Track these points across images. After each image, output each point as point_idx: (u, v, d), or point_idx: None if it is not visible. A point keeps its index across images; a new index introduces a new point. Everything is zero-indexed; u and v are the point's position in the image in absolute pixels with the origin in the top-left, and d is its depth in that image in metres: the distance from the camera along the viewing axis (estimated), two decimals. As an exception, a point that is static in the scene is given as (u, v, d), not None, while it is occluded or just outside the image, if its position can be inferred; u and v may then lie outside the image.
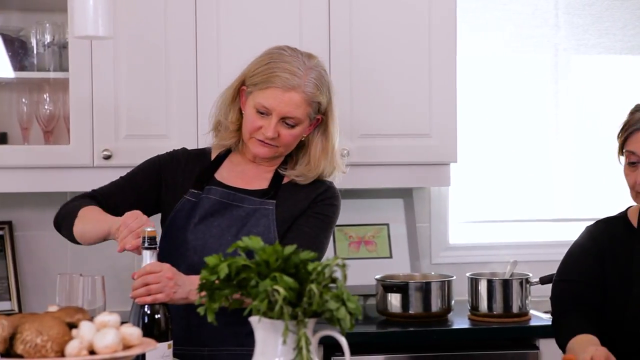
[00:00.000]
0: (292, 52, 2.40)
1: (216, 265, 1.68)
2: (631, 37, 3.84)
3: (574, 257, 2.42)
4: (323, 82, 2.40)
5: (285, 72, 2.34)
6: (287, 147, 2.42)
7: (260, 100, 2.35)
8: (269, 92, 2.34)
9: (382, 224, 3.59)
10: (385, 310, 3.24)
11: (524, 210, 3.81)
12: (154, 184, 2.46)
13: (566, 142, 3.83)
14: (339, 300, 1.62)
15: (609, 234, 2.38)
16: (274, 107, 2.34)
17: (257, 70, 2.38)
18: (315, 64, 2.40)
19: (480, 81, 3.78)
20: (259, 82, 2.36)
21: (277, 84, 2.33)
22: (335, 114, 2.46)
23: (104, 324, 1.67)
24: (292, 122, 2.37)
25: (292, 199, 2.42)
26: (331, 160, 2.46)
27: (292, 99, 2.34)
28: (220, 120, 2.46)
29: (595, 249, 2.37)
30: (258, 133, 2.37)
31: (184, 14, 3.18)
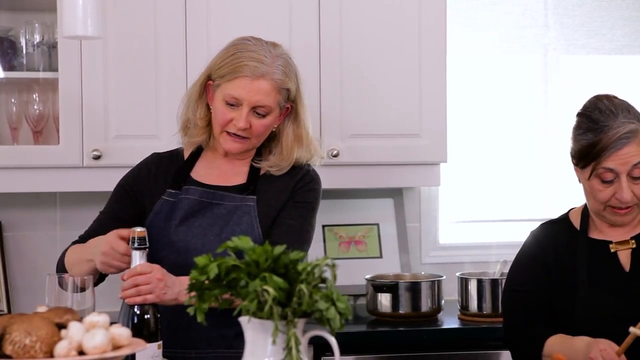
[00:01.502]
0: (257, 41, 2.39)
1: (206, 265, 1.67)
2: (620, 37, 3.86)
3: (522, 265, 2.43)
4: (290, 68, 2.40)
5: (253, 61, 2.33)
6: (259, 138, 2.41)
7: (229, 91, 2.33)
8: (238, 82, 2.33)
9: (372, 224, 3.59)
10: (375, 310, 3.24)
11: (513, 210, 3.82)
12: (129, 204, 2.44)
13: (556, 142, 3.84)
14: (328, 300, 1.62)
15: (553, 238, 2.40)
16: (243, 97, 2.33)
17: (223, 62, 2.36)
18: (281, 52, 2.40)
19: (470, 81, 3.78)
20: (226, 73, 2.34)
21: (246, 72, 2.32)
22: (305, 101, 2.46)
23: (93, 325, 1.66)
24: (263, 111, 2.36)
25: (272, 191, 2.41)
26: (307, 147, 2.45)
27: (261, 87, 2.33)
28: (189, 117, 2.44)
29: (542, 256, 2.38)
30: (229, 126, 2.36)
31: (173, 14, 3.18)
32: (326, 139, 3.25)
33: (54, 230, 3.42)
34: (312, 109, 3.20)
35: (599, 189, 2.28)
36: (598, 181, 2.28)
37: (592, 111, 2.32)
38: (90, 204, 2.78)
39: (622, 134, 2.23)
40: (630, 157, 2.23)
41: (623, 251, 2.33)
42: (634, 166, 2.24)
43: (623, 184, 2.24)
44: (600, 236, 2.37)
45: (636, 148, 2.24)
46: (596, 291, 2.26)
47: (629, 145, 2.24)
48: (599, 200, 2.30)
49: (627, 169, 2.24)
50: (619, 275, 2.30)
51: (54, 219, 3.38)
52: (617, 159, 2.24)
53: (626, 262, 2.32)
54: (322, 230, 3.52)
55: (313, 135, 2.49)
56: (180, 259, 2.32)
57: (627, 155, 2.23)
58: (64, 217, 3.42)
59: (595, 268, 2.32)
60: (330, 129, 3.26)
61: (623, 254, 2.33)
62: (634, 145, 2.24)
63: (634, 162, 2.24)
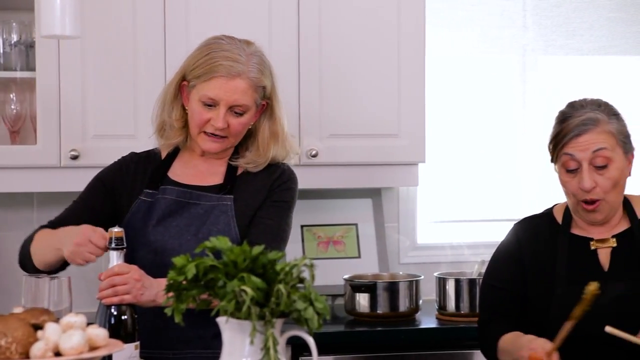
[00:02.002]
0: (230, 40, 2.38)
1: (184, 265, 1.67)
2: (598, 38, 3.88)
3: (499, 261, 2.46)
4: (265, 65, 2.40)
5: (227, 60, 2.32)
6: (237, 137, 2.41)
7: (205, 92, 2.33)
8: (214, 82, 2.32)
9: (350, 224, 3.59)
10: (354, 310, 3.25)
11: (491, 210, 3.83)
12: (105, 198, 2.44)
13: (534, 142, 3.85)
14: (306, 300, 1.62)
15: (533, 233, 2.41)
16: (220, 97, 2.32)
17: (197, 63, 2.36)
18: (255, 49, 2.40)
19: (448, 82, 3.79)
20: (201, 74, 2.34)
21: (221, 72, 2.32)
22: (280, 98, 2.46)
23: (69, 326, 1.66)
24: (240, 110, 2.35)
25: (249, 190, 2.41)
26: (283, 144, 2.45)
27: (237, 86, 2.33)
28: (164, 119, 2.44)
29: (518, 253, 2.40)
30: (207, 126, 2.35)
31: (152, 14, 3.17)
32: (305, 139, 3.26)
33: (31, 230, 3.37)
34: (291, 109, 3.21)
35: (565, 180, 2.31)
36: (564, 171, 2.31)
37: (566, 107, 2.37)
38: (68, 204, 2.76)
39: (581, 121, 2.27)
40: (589, 144, 2.26)
41: (603, 249, 2.34)
42: (594, 153, 2.26)
43: (584, 172, 2.26)
44: (581, 232, 2.37)
45: (596, 136, 2.26)
46: (574, 289, 2.26)
47: (589, 132, 2.26)
48: (569, 193, 2.32)
49: (587, 156, 2.26)
50: (597, 275, 2.30)
51: (31, 219, 3.35)
52: (577, 145, 2.27)
53: (605, 261, 2.33)
54: (301, 230, 3.52)
55: (289, 132, 2.49)
56: (158, 259, 2.31)
57: (586, 142, 2.26)
58: (41, 218, 3.38)
59: (574, 265, 2.32)
60: (309, 129, 3.26)
61: (603, 253, 2.34)
62: (595, 133, 2.27)
63: (593, 149, 2.25)
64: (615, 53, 3.90)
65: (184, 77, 2.40)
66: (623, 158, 2.30)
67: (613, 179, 2.28)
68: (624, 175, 2.31)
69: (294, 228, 2.61)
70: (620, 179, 2.29)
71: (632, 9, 3.88)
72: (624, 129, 2.33)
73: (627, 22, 3.88)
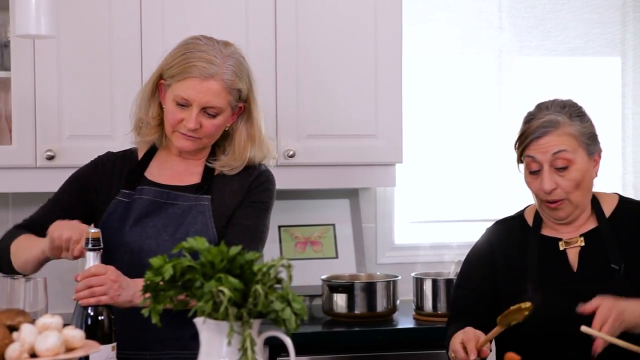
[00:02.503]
0: (208, 40, 2.37)
1: (161, 266, 1.67)
2: (572, 39, 3.90)
3: (471, 264, 2.48)
4: (242, 68, 2.38)
5: (202, 61, 2.31)
6: (211, 138, 2.40)
7: (179, 92, 2.32)
8: (187, 82, 2.31)
9: (328, 224, 3.60)
10: (331, 311, 3.25)
11: (468, 211, 3.85)
12: (81, 198, 2.43)
13: (510, 143, 3.86)
14: (284, 300, 1.62)
15: (504, 236, 2.43)
16: (193, 98, 2.32)
17: (173, 62, 2.35)
18: (233, 51, 2.38)
19: (425, 82, 3.80)
20: (176, 73, 2.33)
21: (195, 73, 2.31)
22: (258, 101, 2.45)
23: (45, 327, 1.65)
24: (213, 112, 2.34)
25: (227, 191, 2.40)
26: (260, 147, 2.44)
27: (210, 87, 2.32)
28: (141, 117, 2.43)
29: (489, 256, 2.41)
30: (180, 126, 2.35)
31: (128, 13, 3.16)
32: (282, 140, 3.25)
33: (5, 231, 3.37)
34: (268, 110, 3.20)
35: (529, 180, 2.34)
36: (527, 172, 2.34)
37: (534, 107, 2.40)
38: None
39: (541, 123, 2.29)
40: (549, 147, 2.28)
41: (572, 249, 2.35)
42: (554, 155, 2.28)
43: (544, 174, 2.29)
44: (551, 233, 2.39)
45: (556, 138, 2.29)
46: (546, 291, 2.28)
47: (548, 135, 2.29)
48: (533, 193, 2.35)
49: (547, 158, 2.28)
50: (567, 275, 2.32)
51: (6, 219, 3.33)
52: (537, 147, 2.29)
53: (574, 261, 2.34)
54: (278, 230, 3.52)
55: (266, 135, 2.48)
56: (135, 260, 2.30)
57: (546, 145, 2.28)
58: (16, 218, 3.33)
59: (544, 267, 2.34)
60: (286, 130, 3.26)
61: (571, 253, 2.35)
62: (554, 136, 2.29)
63: (552, 151, 2.28)
64: (590, 54, 3.92)
65: (162, 76, 2.39)
66: (586, 159, 2.31)
67: (574, 180, 2.29)
68: (588, 176, 2.32)
69: (272, 228, 2.60)
70: (582, 179, 2.30)
71: (606, 11, 3.91)
72: (588, 130, 2.34)
73: (601, 24, 3.91)
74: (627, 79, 3.93)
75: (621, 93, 3.89)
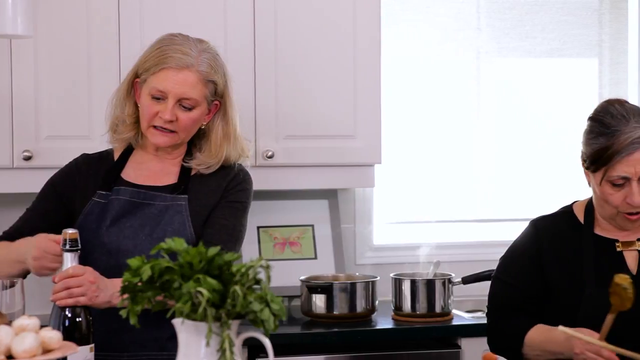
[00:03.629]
0: (184, 37, 2.39)
1: (139, 267, 1.66)
2: (550, 40, 3.92)
3: (514, 257, 2.45)
4: (217, 63, 2.40)
5: (178, 53, 2.33)
6: (187, 133, 2.39)
7: (155, 84, 2.33)
8: (163, 73, 2.32)
9: (307, 225, 3.60)
10: (310, 311, 3.25)
11: (446, 211, 3.86)
12: (58, 203, 2.42)
13: (488, 144, 3.89)
14: (262, 301, 1.62)
15: (553, 232, 2.40)
16: (169, 89, 2.32)
17: (148, 57, 2.36)
18: (208, 47, 2.40)
19: (404, 83, 3.81)
20: (151, 66, 2.34)
21: (170, 64, 2.32)
22: (233, 98, 2.45)
23: (22, 328, 1.64)
24: (189, 104, 2.34)
25: (204, 191, 2.40)
26: (235, 145, 2.44)
27: (186, 78, 2.33)
28: (117, 115, 2.43)
29: (535, 251, 2.39)
30: (156, 119, 2.34)
31: (106, 13, 3.14)
32: (261, 140, 3.25)
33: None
34: (247, 111, 3.20)
35: (609, 192, 2.28)
36: (609, 185, 2.27)
37: (604, 115, 2.30)
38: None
39: (634, 139, 2.23)
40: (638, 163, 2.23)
41: (629, 252, 2.34)
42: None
43: (634, 188, 2.24)
44: (605, 233, 2.37)
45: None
46: (603, 291, 2.22)
47: (638, 150, 2.23)
48: (611, 204, 2.29)
49: (638, 173, 2.24)
50: None
51: (-17, 221, 3.31)
52: (629, 163, 2.23)
53: (633, 264, 2.33)
54: (257, 231, 3.52)
55: (242, 134, 2.48)
56: (112, 261, 2.29)
57: (638, 161, 2.23)
58: (-7, 219, 3.36)
59: (601, 267, 2.31)
60: (265, 130, 3.26)
61: (630, 255, 2.34)
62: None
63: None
64: (567, 55, 3.94)
65: (137, 74, 2.39)
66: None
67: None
68: None
69: (250, 229, 2.60)
70: None
71: (583, 12, 3.94)
72: None
73: (579, 25, 3.93)
74: (604, 80, 3.96)
75: (598, 94, 3.92)
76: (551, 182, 3.86)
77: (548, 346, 2.27)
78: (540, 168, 3.89)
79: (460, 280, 3.29)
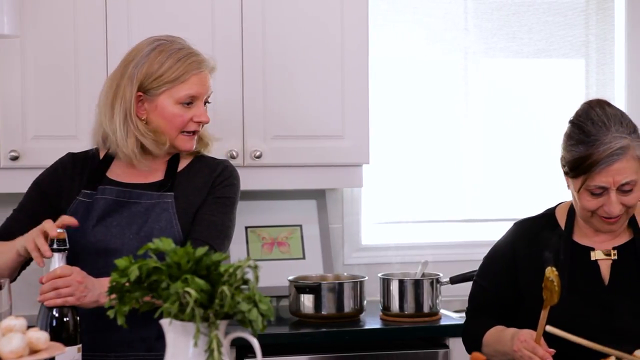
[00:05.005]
0: (166, 37, 2.41)
1: (126, 267, 1.66)
2: (537, 41, 3.94)
3: (491, 260, 2.47)
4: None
5: (192, 56, 2.37)
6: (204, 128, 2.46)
7: (185, 92, 2.35)
8: (192, 80, 2.36)
9: (295, 225, 3.60)
10: (298, 312, 3.25)
11: (434, 211, 3.87)
12: (44, 203, 2.40)
13: (476, 144, 3.90)
14: (250, 301, 1.61)
15: (530, 236, 2.39)
16: (200, 92, 2.38)
17: (161, 70, 2.33)
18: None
19: (391, 83, 3.81)
20: (174, 78, 2.34)
21: (194, 69, 2.36)
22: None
23: (9, 329, 1.63)
24: (209, 99, 2.43)
25: (190, 188, 2.39)
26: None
27: (206, 77, 2.40)
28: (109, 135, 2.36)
29: (510, 254, 2.39)
30: (189, 124, 2.37)
31: (93, 13, 3.14)
32: (249, 140, 3.25)
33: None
34: (235, 110, 3.21)
35: (587, 199, 2.26)
36: (587, 193, 2.25)
37: (584, 121, 2.26)
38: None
39: (613, 151, 2.19)
40: (619, 175, 2.20)
41: (604, 261, 2.33)
42: (622, 183, 2.22)
43: (612, 198, 2.22)
44: (584, 241, 2.35)
45: (625, 165, 2.21)
46: (574, 299, 2.25)
47: (619, 161, 2.20)
48: (586, 209, 2.28)
49: (616, 184, 2.22)
50: (597, 287, 2.30)
51: (-30, 221, 3.30)
52: (608, 175, 2.20)
53: (606, 274, 2.32)
54: (245, 231, 3.51)
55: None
56: (100, 259, 2.29)
57: (616, 172, 2.20)
58: (-20, 220, 3.34)
59: (575, 276, 2.31)
60: (253, 130, 3.26)
61: (604, 265, 2.33)
62: (624, 162, 2.20)
63: (623, 180, 2.21)
64: (554, 56, 3.96)
65: (143, 89, 2.34)
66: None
67: (636, 199, 2.25)
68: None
69: (238, 229, 2.60)
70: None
71: (570, 13, 3.95)
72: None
73: (566, 26, 3.95)
74: (591, 80, 3.97)
75: (585, 95, 3.93)
76: (539, 183, 3.87)
77: (498, 346, 2.28)
78: (527, 168, 3.91)
79: (448, 280, 3.30)
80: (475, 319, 2.44)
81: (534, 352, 2.13)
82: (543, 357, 2.12)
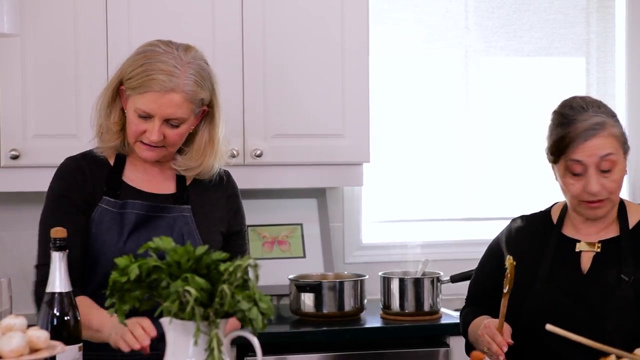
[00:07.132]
0: (167, 47, 2.30)
1: (127, 266, 1.66)
2: (538, 39, 3.93)
3: (485, 256, 2.54)
4: (204, 75, 2.31)
5: (162, 74, 2.24)
6: (175, 146, 2.35)
7: (140, 105, 2.26)
8: (148, 96, 2.25)
9: (295, 224, 3.60)
10: (299, 310, 3.25)
11: (435, 210, 3.87)
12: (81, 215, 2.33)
13: (476, 143, 3.89)
14: (251, 300, 1.61)
15: (523, 232, 2.44)
16: (155, 111, 2.26)
17: (132, 73, 2.28)
18: (193, 57, 2.31)
19: (392, 82, 3.81)
20: (136, 86, 2.26)
21: (155, 88, 2.24)
22: (221, 103, 2.40)
23: (9, 328, 1.63)
24: (176, 122, 2.29)
25: (207, 204, 2.41)
26: (218, 151, 2.40)
27: (172, 100, 2.26)
28: (102, 122, 2.36)
29: (500, 252, 2.44)
30: (143, 137, 2.30)
31: (94, 12, 3.13)
32: (249, 139, 3.25)
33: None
34: (235, 109, 3.20)
35: (570, 182, 2.29)
36: (570, 176, 2.29)
37: (564, 107, 2.34)
38: (9, 204, 2.73)
39: (590, 125, 2.24)
40: (597, 150, 2.24)
41: (587, 253, 2.35)
42: (601, 158, 2.25)
43: (591, 177, 2.25)
44: (571, 234, 2.39)
45: (603, 140, 2.25)
46: (551, 287, 2.30)
47: (596, 137, 2.24)
48: (572, 195, 2.31)
49: (595, 161, 2.25)
50: (575, 276, 2.32)
51: (-30, 220, 3.30)
52: (585, 150, 2.25)
53: (587, 265, 2.34)
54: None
55: (223, 138, 2.44)
56: None
57: (594, 147, 2.24)
58: (-20, 219, 3.34)
59: (557, 265, 2.35)
60: (253, 129, 3.26)
61: (586, 256, 2.35)
62: (601, 138, 2.25)
63: (601, 154, 2.24)
64: (555, 54, 3.96)
65: (121, 82, 2.33)
66: (623, 158, 2.31)
67: (618, 180, 2.28)
68: (624, 174, 2.31)
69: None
70: (622, 179, 2.30)
71: (571, 11, 3.95)
72: (623, 130, 2.32)
73: (566, 24, 3.95)
74: (592, 79, 3.97)
75: (585, 93, 3.93)
76: (539, 181, 3.86)
77: (475, 334, 2.35)
78: (528, 166, 3.90)
79: (448, 279, 3.30)
80: (468, 307, 2.53)
81: (492, 338, 2.21)
82: (500, 344, 2.19)
